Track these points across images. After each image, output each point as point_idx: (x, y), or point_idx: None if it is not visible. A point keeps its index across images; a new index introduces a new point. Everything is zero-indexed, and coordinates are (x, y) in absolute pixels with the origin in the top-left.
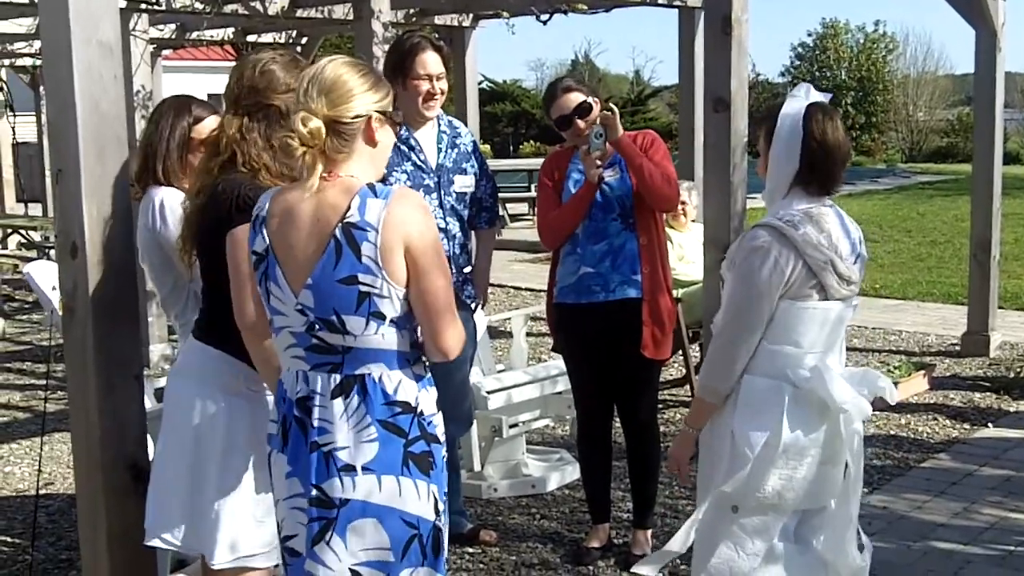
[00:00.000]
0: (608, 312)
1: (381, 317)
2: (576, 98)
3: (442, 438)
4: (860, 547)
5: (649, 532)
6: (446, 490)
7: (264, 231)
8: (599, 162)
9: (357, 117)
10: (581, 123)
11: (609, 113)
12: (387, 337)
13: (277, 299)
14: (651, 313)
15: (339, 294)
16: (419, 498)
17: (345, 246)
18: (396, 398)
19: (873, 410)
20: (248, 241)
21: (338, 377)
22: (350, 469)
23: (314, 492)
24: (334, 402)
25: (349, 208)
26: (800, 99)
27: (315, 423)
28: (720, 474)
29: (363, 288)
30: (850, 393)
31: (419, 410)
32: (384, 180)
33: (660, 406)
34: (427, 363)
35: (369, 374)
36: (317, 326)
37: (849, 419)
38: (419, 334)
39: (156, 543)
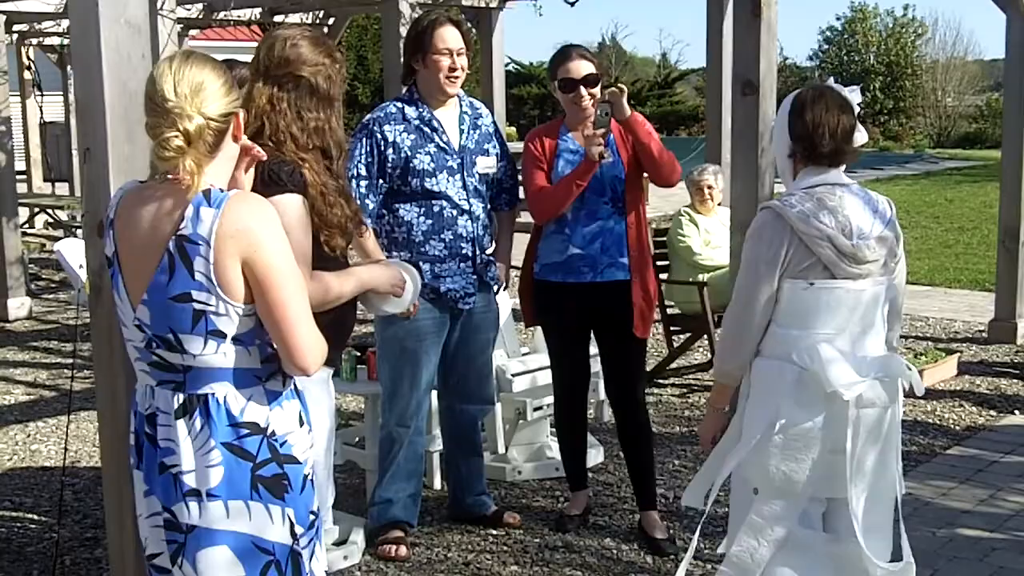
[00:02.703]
0: (594, 292)
1: (220, 335)
2: (586, 67)
3: (302, 457)
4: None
5: (658, 513)
6: (313, 508)
7: (112, 234)
8: (602, 140)
9: (227, 115)
10: (584, 91)
11: (616, 91)
12: (230, 355)
13: (120, 311)
14: (641, 294)
15: (174, 312)
16: (272, 523)
17: (178, 261)
18: (242, 419)
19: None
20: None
21: (181, 396)
22: (196, 494)
23: (165, 514)
24: (178, 423)
25: (183, 218)
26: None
27: (161, 443)
28: (732, 455)
29: (198, 306)
30: (850, 377)
31: (270, 431)
32: (408, 162)
33: (685, 390)
34: (286, 377)
35: (213, 394)
36: (155, 344)
37: (860, 402)
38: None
39: None
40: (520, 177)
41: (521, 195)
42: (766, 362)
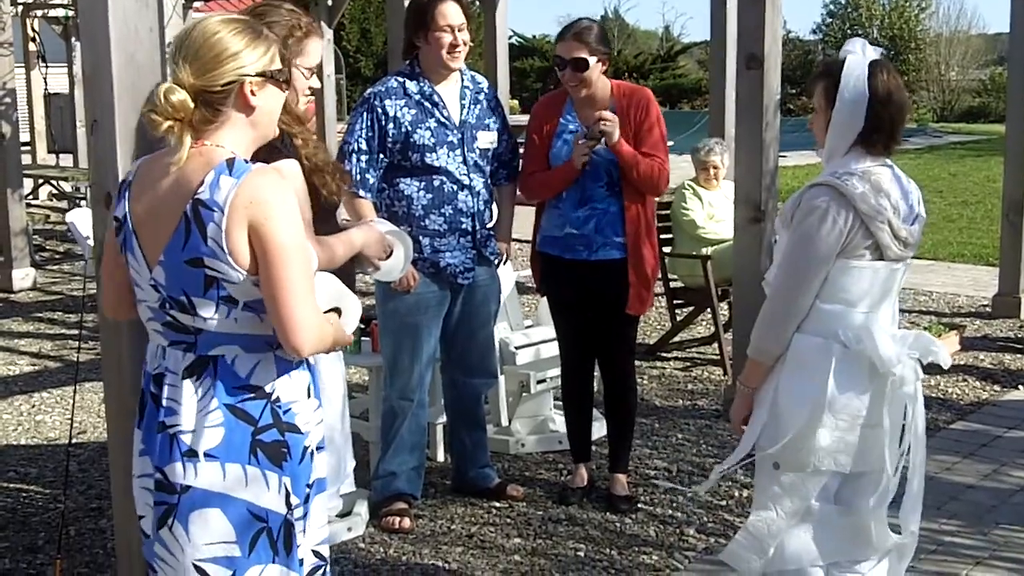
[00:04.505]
0: (591, 270)
1: (232, 302)
2: (579, 51)
3: (304, 428)
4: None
5: (625, 476)
6: (309, 481)
7: (126, 197)
8: (587, 153)
9: (228, 84)
10: (569, 73)
11: (608, 119)
12: (241, 321)
13: (134, 271)
14: (636, 273)
15: (187, 275)
16: (267, 489)
17: (193, 225)
18: (248, 382)
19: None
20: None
21: (191, 356)
22: (193, 455)
23: (157, 475)
24: (184, 382)
25: (202, 184)
26: (859, 56)
27: (164, 402)
28: (757, 426)
29: (209, 272)
30: (897, 353)
31: (274, 397)
32: (408, 137)
33: (688, 363)
34: None
35: (222, 356)
36: (168, 304)
37: (900, 381)
38: None
39: None
40: (521, 151)
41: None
42: (808, 339)
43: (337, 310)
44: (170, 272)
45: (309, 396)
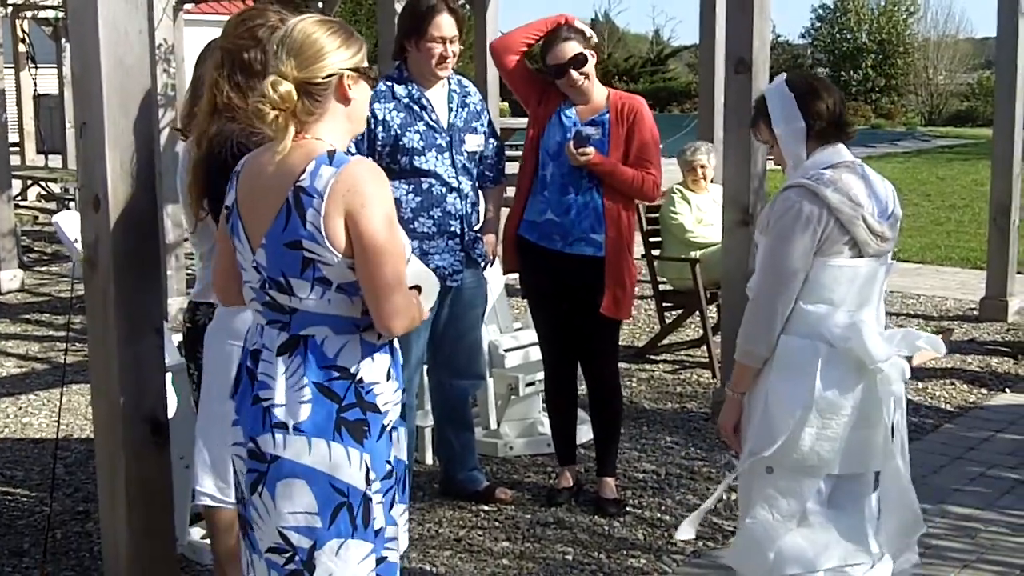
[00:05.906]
0: (563, 262)
1: (326, 283)
2: (573, 48)
3: (383, 408)
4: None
5: (613, 480)
6: (389, 457)
7: (235, 185)
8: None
9: (328, 77)
10: (574, 74)
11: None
12: (334, 303)
13: (240, 254)
14: (613, 275)
15: (286, 257)
16: (350, 465)
17: (294, 210)
18: (335, 363)
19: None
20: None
21: (285, 335)
22: (283, 427)
23: (250, 444)
24: (278, 359)
25: (304, 172)
26: (773, 82)
27: (259, 377)
28: (752, 432)
29: (307, 255)
30: (887, 350)
31: (358, 377)
32: (397, 141)
33: (677, 366)
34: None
35: (313, 336)
36: (268, 284)
37: (887, 379)
38: None
39: (206, 501)
40: (504, 152)
41: (507, 171)
42: (794, 340)
43: (418, 288)
44: (271, 254)
45: (389, 378)
